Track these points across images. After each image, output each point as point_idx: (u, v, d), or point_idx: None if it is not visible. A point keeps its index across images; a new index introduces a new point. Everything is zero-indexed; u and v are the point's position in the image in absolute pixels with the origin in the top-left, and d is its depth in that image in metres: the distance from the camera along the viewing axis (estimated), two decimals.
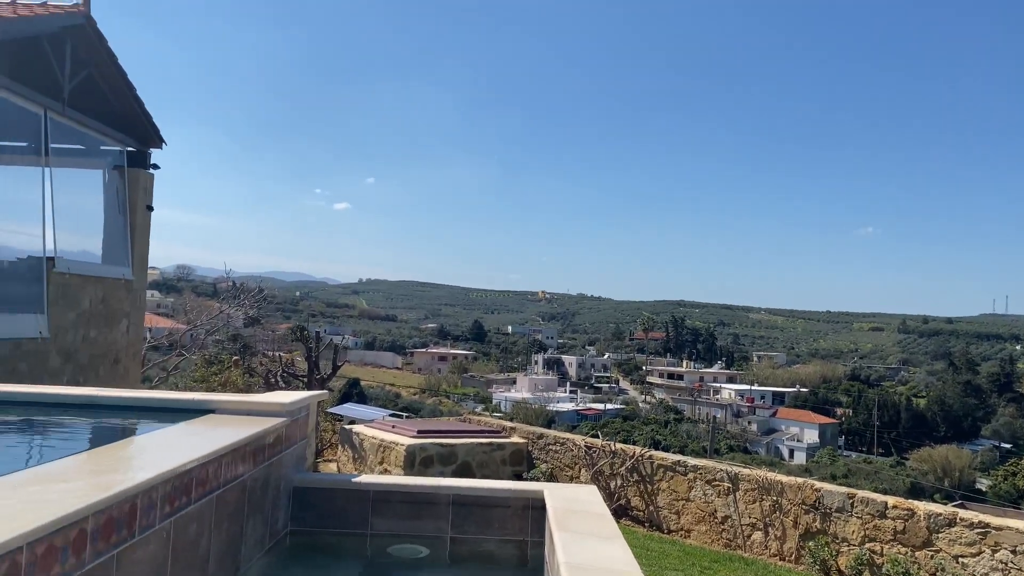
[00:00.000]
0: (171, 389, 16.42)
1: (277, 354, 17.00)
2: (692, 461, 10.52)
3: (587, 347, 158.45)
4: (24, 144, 11.81)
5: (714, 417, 70.35)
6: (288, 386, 14.01)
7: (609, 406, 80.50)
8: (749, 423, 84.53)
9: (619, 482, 10.86)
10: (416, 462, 9.95)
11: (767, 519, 9.42)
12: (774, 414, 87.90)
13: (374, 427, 11.50)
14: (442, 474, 9.84)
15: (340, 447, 11.93)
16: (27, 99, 11.11)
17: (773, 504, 9.36)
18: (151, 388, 17.31)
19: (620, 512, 10.75)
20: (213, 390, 15.08)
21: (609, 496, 10.62)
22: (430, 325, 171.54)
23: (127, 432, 4.41)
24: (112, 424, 4.63)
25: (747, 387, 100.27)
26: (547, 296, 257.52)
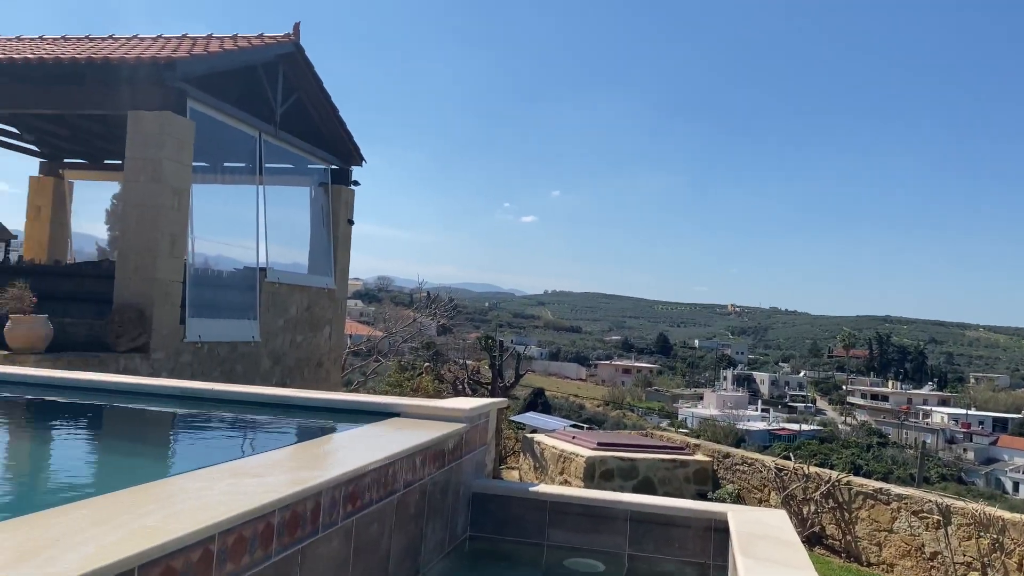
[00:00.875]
0: (368, 392, 17.38)
1: (465, 362, 17.54)
2: (896, 489, 9.66)
3: (780, 364, 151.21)
4: (243, 165, 12.97)
5: (924, 443, 64.75)
6: (474, 393, 14.38)
7: (804, 427, 76.21)
8: (964, 451, 76.99)
9: (812, 508, 10.18)
10: (596, 475, 9.85)
11: (985, 559, 8.45)
12: (995, 442, 79.47)
13: (555, 437, 11.53)
14: (622, 488, 9.67)
15: (522, 455, 12.07)
16: (245, 123, 12.20)
17: (993, 543, 8.38)
18: (351, 391, 18.41)
19: (813, 540, 10.07)
20: (405, 394, 15.79)
21: (801, 522, 9.98)
22: (615, 337, 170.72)
23: (316, 432, 4.65)
24: (304, 423, 4.91)
25: (963, 411, 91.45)
26: (737, 309, 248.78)
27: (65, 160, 16.72)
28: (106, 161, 16.39)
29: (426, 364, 17.95)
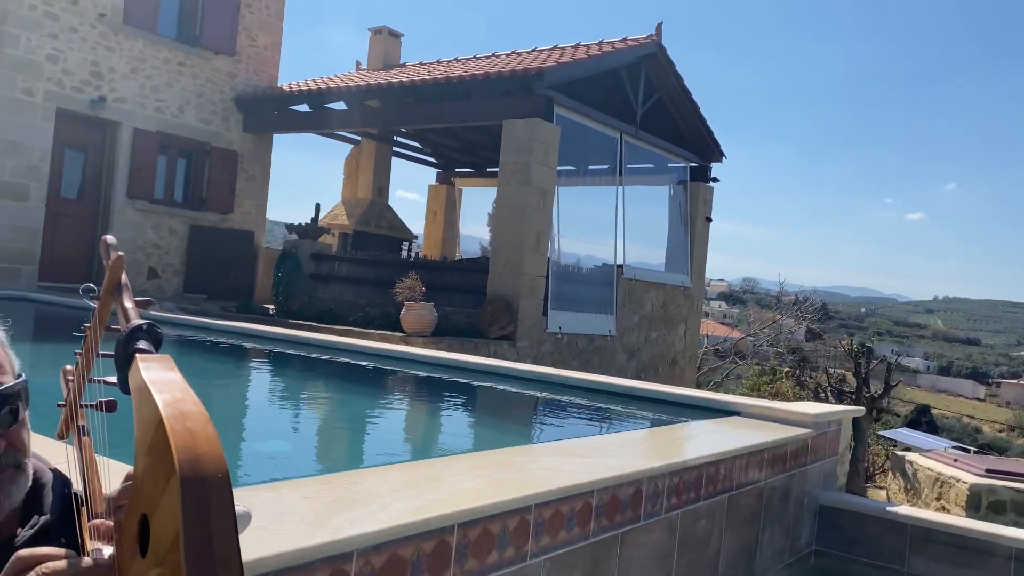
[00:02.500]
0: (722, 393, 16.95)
1: (830, 370, 16.37)
2: None
3: None
4: (604, 166, 13.48)
5: None
6: (838, 402, 13.35)
7: None
8: None
9: None
10: (983, 505, 8.50)
11: None
12: None
13: (931, 457, 10.21)
14: (1017, 525, 8.22)
15: (891, 474, 10.90)
16: (607, 125, 12.67)
17: None
18: (707, 391, 18.17)
19: None
20: (763, 398, 15.18)
21: None
22: (1023, 353, 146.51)
23: (650, 422, 4.66)
24: (639, 413, 4.94)
25: None
26: None
27: (456, 170, 18.89)
28: (489, 169, 18.17)
29: (786, 369, 17.09)
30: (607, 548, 2.91)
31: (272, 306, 12.16)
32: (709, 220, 15.25)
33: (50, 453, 1.25)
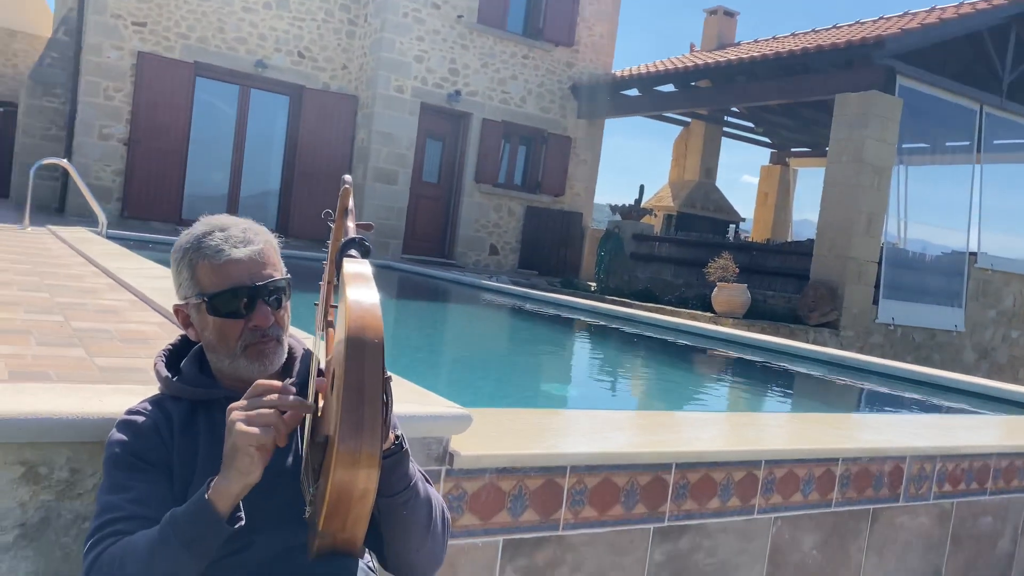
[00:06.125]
0: None
1: None
2: None
3: None
4: (959, 143, 12.09)
5: None
6: None
7: None
8: None
9: None
10: None
11: None
12: None
13: None
14: None
15: None
16: (964, 96, 11.36)
17: None
18: None
19: None
20: None
21: None
22: None
23: (943, 410, 4.28)
24: (939, 403, 4.55)
25: None
26: None
27: (792, 150, 18.10)
28: (827, 148, 17.14)
29: None
30: (854, 520, 2.84)
31: (594, 283, 12.81)
32: None
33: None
